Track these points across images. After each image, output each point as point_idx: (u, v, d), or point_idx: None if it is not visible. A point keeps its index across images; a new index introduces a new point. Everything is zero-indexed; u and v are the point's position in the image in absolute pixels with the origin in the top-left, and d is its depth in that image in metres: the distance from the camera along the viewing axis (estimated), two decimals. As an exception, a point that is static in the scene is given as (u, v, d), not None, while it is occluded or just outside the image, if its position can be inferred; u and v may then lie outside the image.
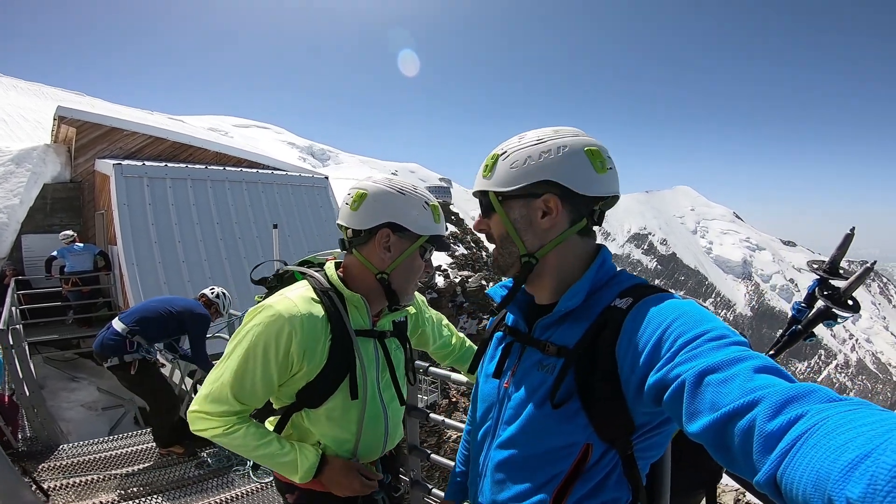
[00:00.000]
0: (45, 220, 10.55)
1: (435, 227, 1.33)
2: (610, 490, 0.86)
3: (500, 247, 0.98)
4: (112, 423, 6.67)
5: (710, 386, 0.63)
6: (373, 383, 1.35)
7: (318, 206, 11.42)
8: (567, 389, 0.85)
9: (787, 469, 0.48)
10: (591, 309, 0.89)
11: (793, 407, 0.53)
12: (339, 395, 1.28)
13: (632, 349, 0.78)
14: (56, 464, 3.67)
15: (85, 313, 8.95)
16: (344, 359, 1.26)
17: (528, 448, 0.90)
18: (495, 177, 0.95)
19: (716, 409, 0.60)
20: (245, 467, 3.74)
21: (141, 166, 9.35)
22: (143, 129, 10.92)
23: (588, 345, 0.84)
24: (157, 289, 8.28)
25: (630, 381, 0.78)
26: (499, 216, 0.96)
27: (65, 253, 8.61)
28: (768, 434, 0.52)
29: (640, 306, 0.82)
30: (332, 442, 1.34)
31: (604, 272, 0.93)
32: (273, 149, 59.49)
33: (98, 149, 10.37)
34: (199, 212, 9.54)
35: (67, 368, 8.08)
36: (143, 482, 3.50)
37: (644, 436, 0.84)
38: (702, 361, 0.66)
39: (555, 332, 0.92)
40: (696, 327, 0.72)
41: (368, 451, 1.40)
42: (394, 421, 1.45)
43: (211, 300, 4.30)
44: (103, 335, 3.74)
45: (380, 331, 1.38)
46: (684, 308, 0.78)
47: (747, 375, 0.61)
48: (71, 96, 24.51)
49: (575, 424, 0.84)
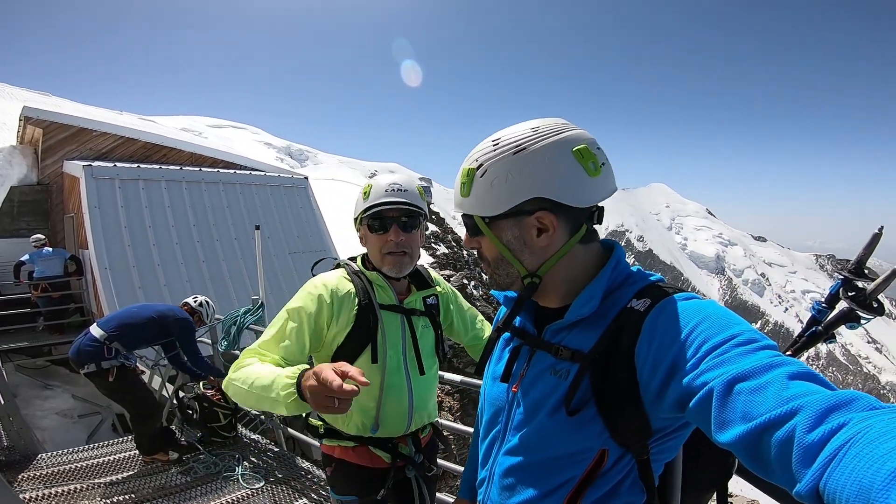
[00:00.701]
0: (12, 223, 10.15)
1: (363, 204, 1.49)
2: (624, 495, 0.83)
3: (497, 268, 0.90)
4: (89, 430, 6.49)
5: (742, 395, 0.60)
6: (397, 354, 1.53)
7: (298, 207, 11.26)
8: (583, 396, 0.81)
9: (830, 479, 0.47)
10: (607, 311, 0.84)
11: (834, 416, 0.51)
12: (362, 359, 1.47)
13: (652, 354, 0.75)
14: (35, 473, 3.54)
15: (56, 319, 8.66)
16: (367, 326, 1.47)
17: (539, 454, 0.86)
18: (475, 197, 0.86)
19: (749, 420, 0.58)
20: (234, 473, 3.67)
21: (112, 167, 9.05)
22: (113, 130, 10.56)
23: (605, 349, 0.80)
24: (132, 293, 8.05)
25: (650, 386, 0.75)
26: (489, 239, 0.89)
27: (34, 258, 8.31)
28: (809, 445, 0.51)
29: (660, 308, 0.78)
30: (357, 408, 1.50)
31: (618, 272, 0.88)
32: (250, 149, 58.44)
33: (66, 150, 10.01)
34: (175, 214, 9.30)
35: (39, 376, 7.82)
36: (127, 491, 3.40)
37: (661, 440, 0.81)
38: (731, 368, 0.63)
39: (567, 335, 0.88)
40: (722, 331, 0.69)
41: (391, 420, 1.53)
42: (420, 395, 1.57)
43: (194, 308, 4.26)
44: (80, 341, 3.65)
45: (408, 308, 1.57)
46: (708, 310, 0.74)
47: (782, 383, 0.58)
48: (36, 97, 23.59)
49: (590, 430, 0.81)
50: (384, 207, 1.46)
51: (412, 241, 1.51)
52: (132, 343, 3.76)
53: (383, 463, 1.57)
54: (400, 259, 1.49)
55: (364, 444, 1.55)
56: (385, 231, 1.47)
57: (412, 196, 1.49)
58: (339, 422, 1.56)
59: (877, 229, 1.34)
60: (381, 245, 1.48)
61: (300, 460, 3.89)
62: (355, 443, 1.56)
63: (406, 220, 1.49)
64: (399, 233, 1.47)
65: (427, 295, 1.64)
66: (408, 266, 1.51)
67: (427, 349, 1.59)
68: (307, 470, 3.73)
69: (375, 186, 1.49)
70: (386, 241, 1.47)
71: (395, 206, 1.46)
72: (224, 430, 4.19)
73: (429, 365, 1.60)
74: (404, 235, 1.48)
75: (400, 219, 1.48)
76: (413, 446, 1.62)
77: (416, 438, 1.64)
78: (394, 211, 1.47)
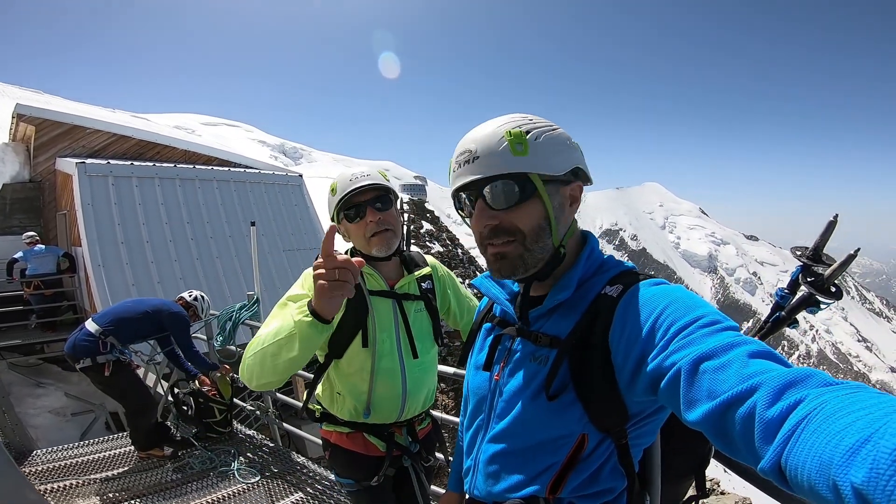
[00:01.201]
0: (4, 221, 10.08)
1: (334, 200, 1.53)
2: (605, 479, 0.85)
3: (535, 239, 0.86)
4: (83, 428, 6.46)
5: (707, 373, 0.62)
6: (390, 338, 1.56)
7: (292, 205, 11.23)
8: (561, 380, 0.84)
9: (791, 455, 0.48)
10: (583, 298, 0.87)
11: (791, 392, 0.53)
12: (355, 344, 1.51)
13: (625, 337, 0.77)
14: (31, 469, 3.53)
15: (49, 317, 8.62)
16: (357, 312, 1.50)
17: (522, 440, 0.88)
18: (535, 156, 0.83)
19: (714, 397, 0.60)
20: (229, 468, 3.68)
21: (105, 165, 9.01)
22: (106, 127, 10.55)
23: (581, 335, 0.83)
24: (125, 290, 8.01)
25: (624, 369, 0.77)
26: (541, 203, 0.85)
27: (28, 255, 8.26)
28: (769, 421, 0.52)
29: (631, 293, 0.81)
30: (350, 392, 1.53)
31: (593, 260, 0.91)
32: (243, 147, 58.11)
33: (59, 147, 9.98)
34: (168, 211, 9.26)
35: (32, 374, 7.77)
36: (122, 487, 3.40)
37: (638, 424, 0.84)
38: (696, 348, 0.65)
39: (546, 322, 0.90)
40: (688, 313, 0.72)
41: (384, 404, 1.55)
42: (414, 379, 1.58)
43: (189, 303, 4.26)
44: (76, 336, 3.65)
45: (401, 293, 1.59)
46: (675, 294, 0.77)
47: (743, 361, 0.60)
48: (28, 94, 23.38)
49: (570, 415, 0.83)
50: (354, 192, 1.49)
51: (390, 217, 1.53)
52: (127, 337, 3.76)
53: (378, 451, 1.59)
54: (384, 236, 1.51)
55: (358, 430, 1.58)
56: (362, 217, 1.51)
57: (376, 178, 1.54)
58: (333, 406, 1.59)
59: (832, 217, 1.40)
60: (364, 230, 1.51)
61: (295, 455, 3.90)
62: (350, 429, 1.58)
63: (378, 201, 1.52)
64: (375, 213, 1.50)
65: (422, 278, 1.65)
66: (394, 241, 1.53)
67: (421, 333, 1.61)
68: (302, 465, 3.75)
69: (340, 180, 1.54)
70: (366, 224, 1.50)
71: (365, 189, 1.50)
72: (219, 426, 4.20)
73: (425, 349, 1.61)
74: (381, 214, 1.51)
75: (372, 201, 1.51)
76: (409, 436, 1.64)
77: (412, 428, 1.65)
78: (364, 194, 1.50)
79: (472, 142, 0.86)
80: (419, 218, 26.37)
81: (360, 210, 1.51)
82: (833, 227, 1.38)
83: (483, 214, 0.86)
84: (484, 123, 0.88)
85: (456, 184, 0.88)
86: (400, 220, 1.61)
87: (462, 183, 0.86)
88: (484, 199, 0.85)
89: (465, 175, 0.86)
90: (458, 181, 0.87)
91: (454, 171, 0.89)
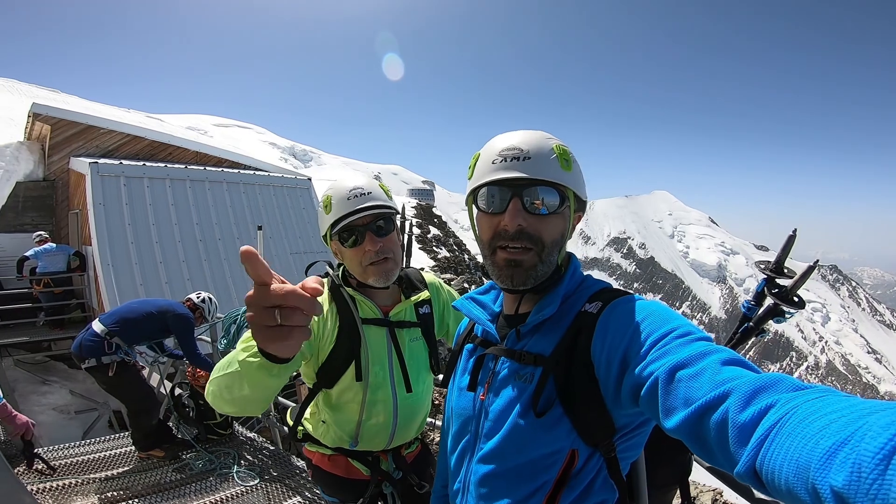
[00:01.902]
0: (17, 219, 10.22)
1: (328, 219, 1.37)
2: (597, 493, 0.86)
3: (551, 251, 0.89)
4: (85, 427, 6.51)
5: (682, 381, 0.64)
6: (383, 370, 1.42)
7: (300, 208, 11.32)
8: (548, 397, 0.85)
9: (766, 459, 0.49)
10: (565, 316, 0.90)
11: (762, 397, 0.55)
12: (347, 377, 1.39)
13: (605, 351, 0.80)
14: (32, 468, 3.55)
15: (57, 315, 8.71)
16: (349, 344, 1.37)
17: (512, 459, 0.88)
18: (573, 177, 0.89)
19: (689, 404, 0.61)
20: (229, 470, 3.70)
21: (118, 165, 9.12)
22: (119, 128, 10.68)
23: (564, 351, 0.85)
24: (134, 290, 8.10)
25: (607, 382, 0.79)
26: (564, 220, 0.90)
27: (39, 254, 8.37)
28: (742, 425, 0.54)
29: (610, 309, 0.84)
30: (336, 422, 1.43)
31: (576, 278, 0.95)
32: (254, 149, 58.66)
33: (73, 147, 10.12)
34: (178, 212, 9.35)
35: (38, 371, 7.86)
36: (121, 486, 3.42)
37: (625, 437, 0.85)
38: (672, 358, 0.68)
39: (529, 340, 0.92)
40: (663, 325, 0.75)
41: (372, 436, 1.45)
42: (405, 413, 1.47)
43: (196, 304, 4.27)
44: (82, 336, 3.68)
45: (395, 321, 1.45)
46: (651, 308, 0.81)
47: (715, 368, 0.62)
48: (45, 93, 23.79)
49: (559, 431, 0.84)
50: (353, 218, 1.33)
51: (390, 243, 1.38)
52: (132, 338, 3.78)
53: (361, 475, 1.52)
54: (384, 266, 1.36)
55: (343, 454, 1.50)
56: (359, 243, 1.35)
57: (378, 197, 1.36)
58: (318, 432, 1.50)
59: (791, 231, 1.49)
60: (360, 257, 1.35)
61: (295, 459, 3.91)
62: (333, 451, 1.51)
63: (379, 224, 1.36)
64: (375, 240, 1.34)
65: (420, 303, 1.51)
66: (394, 271, 1.39)
67: (416, 364, 1.48)
68: (302, 469, 3.75)
69: (336, 196, 1.35)
70: (364, 252, 1.34)
71: (365, 214, 1.34)
72: (220, 428, 4.23)
73: (420, 380, 1.49)
74: (381, 241, 1.35)
75: (373, 224, 1.35)
76: (394, 462, 1.55)
77: (399, 454, 1.57)
78: (364, 218, 1.34)
79: (521, 142, 0.87)
80: (426, 223, 26.41)
81: (358, 235, 1.35)
82: (793, 242, 1.48)
83: (517, 214, 0.86)
84: (523, 131, 0.90)
85: (497, 176, 0.87)
86: (400, 241, 1.46)
87: (506, 177, 0.86)
88: (521, 199, 0.86)
89: (511, 170, 0.86)
90: (501, 174, 0.86)
91: (494, 164, 0.88)
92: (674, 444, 0.69)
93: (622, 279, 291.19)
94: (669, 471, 1.20)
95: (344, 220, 1.33)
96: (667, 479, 1.21)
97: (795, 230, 1.48)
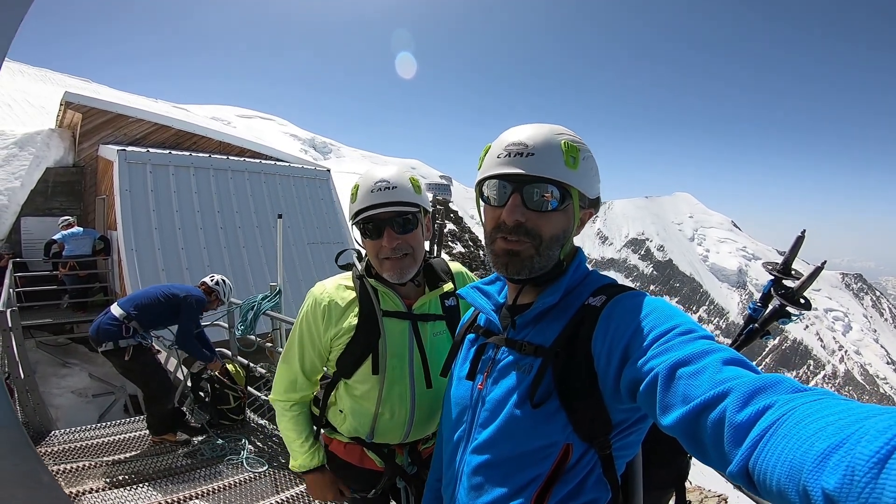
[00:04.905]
0: (46, 203, 10.55)
1: (352, 208, 1.34)
2: (590, 491, 0.85)
3: (549, 247, 0.89)
4: (101, 410, 6.65)
5: (682, 379, 0.64)
6: (402, 364, 1.39)
7: (319, 199, 11.43)
8: (546, 388, 0.84)
9: (759, 459, 0.49)
10: (567, 308, 0.89)
11: (760, 398, 0.54)
12: (363, 369, 1.38)
13: (607, 344, 0.79)
14: (47, 450, 3.65)
15: (80, 298, 8.95)
16: (368, 335, 1.36)
17: (506, 450, 0.87)
18: (580, 175, 0.88)
19: (688, 402, 0.61)
20: (239, 457, 3.75)
21: (145, 153, 9.33)
22: (147, 117, 10.93)
23: (565, 343, 0.85)
24: (156, 275, 8.29)
25: (606, 376, 0.79)
26: (567, 217, 0.90)
27: (67, 237, 8.61)
28: (738, 424, 0.53)
29: (613, 303, 0.83)
30: (353, 413, 1.43)
31: (579, 273, 0.95)
32: (275, 140, 59.35)
33: (103, 135, 10.38)
34: (201, 200, 9.54)
35: (59, 353, 8.08)
36: (132, 470, 3.49)
37: (621, 434, 0.84)
38: (674, 355, 0.67)
39: (530, 331, 0.92)
40: (666, 322, 0.74)
41: (387, 430, 1.43)
42: (423, 409, 1.42)
43: (211, 287, 4.29)
44: (101, 320, 3.75)
45: (418, 314, 1.41)
46: (654, 304, 0.80)
47: (717, 367, 0.62)
48: (77, 82, 24.43)
49: (555, 424, 0.83)
50: (372, 213, 1.29)
51: (412, 240, 1.33)
52: (148, 323, 3.84)
53: (375, 466, 1.50)
54: (399, 263, 1.32)
55: (359, 444, 1.49)
56: (378, 236, 1.31)
57: (403, 192, 1.30)
58: (336, 421, 1.50)
59: (800, 232, 1.46)
60: (377, 251, 1.32)
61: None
62: (350, 440, 1.50)
63: (400, 220, 1.31)
64: (394, 237, 1.30)
65: (446, 294, 1.45)
66: (410, 269, 1.34)
67: (439, 358, 1.36)
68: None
69: (362, 186, 1.31)
70: (380, 246, 1.31)
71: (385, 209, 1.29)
72: (233, 413, 4.29)
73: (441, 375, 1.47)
74: (400, 238, 1.30)
75: (393, 220, 1.30)
76: (409, 456, 1.51)
77: (415, 450, 1.53)
78: (385, 213, 1.29)
79: (528, 138, 0.87)
80: (443, 218, 26.41)
81: (378, 229, 1.30)
82: (801, 243, 1.45)
83: (516, 209, 0.86)
84: (533, 125, 0.89)
85: (499, 170, 0.88)
86: (425, 237, 1.41)
87: (508, 172, 0.87)
88: (521, 194, 0.87)
89: (513, 166, 0.86)
90: (503, 169, 0.87)
91: (499, 158, 0.88)
92: (672, 446, 0.67)
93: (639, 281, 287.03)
94: (666, 472, 1.19)
95: (364, 212, 1.30)
96: (663, 480, 1.20)
97: (804, 231, 1.45)
